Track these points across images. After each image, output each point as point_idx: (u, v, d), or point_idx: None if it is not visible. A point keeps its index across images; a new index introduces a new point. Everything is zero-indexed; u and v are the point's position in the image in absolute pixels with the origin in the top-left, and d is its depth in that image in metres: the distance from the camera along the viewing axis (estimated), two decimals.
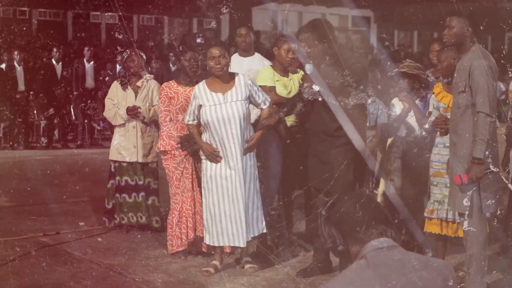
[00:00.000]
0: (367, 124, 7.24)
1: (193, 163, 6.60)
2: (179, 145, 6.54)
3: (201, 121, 6.27)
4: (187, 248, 6.74)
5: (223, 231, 6.21)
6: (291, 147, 6.81)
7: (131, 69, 7.65)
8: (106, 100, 7.79)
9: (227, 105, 6.16)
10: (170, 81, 6.76)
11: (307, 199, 6.90)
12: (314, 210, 6.18)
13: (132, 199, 7.67)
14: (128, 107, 7.55)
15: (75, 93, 15.61)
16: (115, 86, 7.77)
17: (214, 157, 6.17)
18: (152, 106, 7.64)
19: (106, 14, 31.95)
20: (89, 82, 15.88)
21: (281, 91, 6.70)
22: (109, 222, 7.83)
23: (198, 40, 7.11)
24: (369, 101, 7.30)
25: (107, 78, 16.13)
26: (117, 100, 7.69)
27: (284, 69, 6.79)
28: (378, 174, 7.93)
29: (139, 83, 7.70)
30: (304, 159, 6.49)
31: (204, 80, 6.35)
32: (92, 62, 16.03)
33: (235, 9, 31.50)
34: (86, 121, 15.77)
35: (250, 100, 6.25)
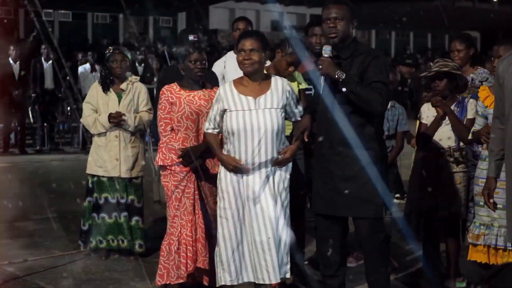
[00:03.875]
0: (386, 133, 6.39)
1: (196, 181, 5.50)
2: (180, 160, 5.45)
3: (223, 129, 5.07)
4: (186, 281, 5.67)
5: (246, 266, 5.02)
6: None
7: (114, 71, 6.59)
8: (84, 105, 6.67)
9: (259, 112, 4.93)
10: (172, 84, 5.60)
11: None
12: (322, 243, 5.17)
13: (113, 220, 6.61)
14: (110, 113, 6.50)
15: (33, 94, 14.48)
16: (95, 88, 6.67)
17: (240, 169, 4.92)
18: (138, 113, 6.63)
19: (59, 11, 30.86)
20: (49, 83, 14.72)
21: None
22: (85, 246, 6.75)
23: (191, 38, 6.02)
24: (388, 105, 6.44)
25: (67, 78, 15.12)
26: (98, 105, 6.61)
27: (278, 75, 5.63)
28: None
29: (123, 86, 6.61)
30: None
31: (231, 80, 5.18)
32: (50, 62, 14.88)
33: (192, 7, 30.59)
34: (45, 124, 14.63)
35: (286, 110, 5.06)
